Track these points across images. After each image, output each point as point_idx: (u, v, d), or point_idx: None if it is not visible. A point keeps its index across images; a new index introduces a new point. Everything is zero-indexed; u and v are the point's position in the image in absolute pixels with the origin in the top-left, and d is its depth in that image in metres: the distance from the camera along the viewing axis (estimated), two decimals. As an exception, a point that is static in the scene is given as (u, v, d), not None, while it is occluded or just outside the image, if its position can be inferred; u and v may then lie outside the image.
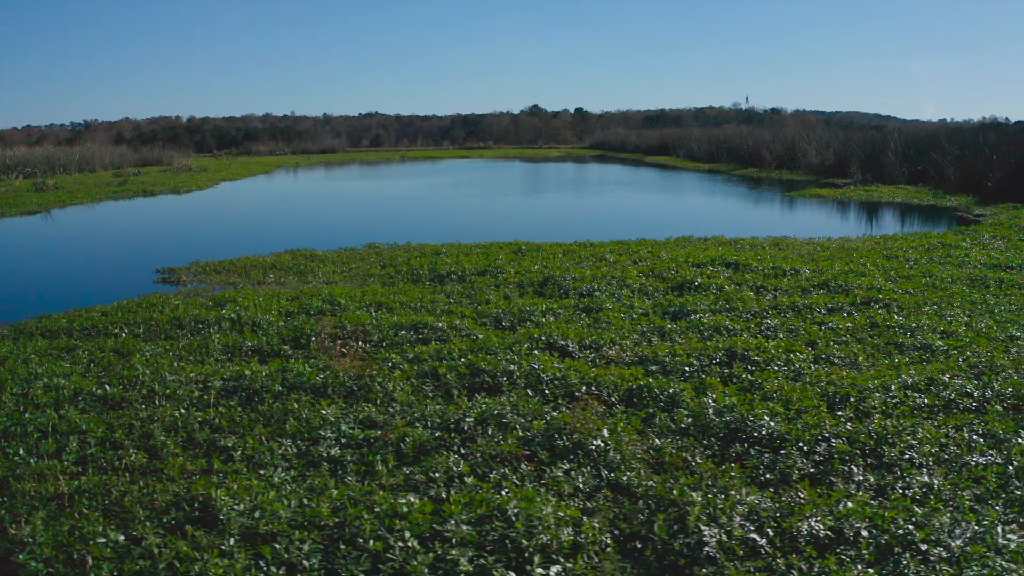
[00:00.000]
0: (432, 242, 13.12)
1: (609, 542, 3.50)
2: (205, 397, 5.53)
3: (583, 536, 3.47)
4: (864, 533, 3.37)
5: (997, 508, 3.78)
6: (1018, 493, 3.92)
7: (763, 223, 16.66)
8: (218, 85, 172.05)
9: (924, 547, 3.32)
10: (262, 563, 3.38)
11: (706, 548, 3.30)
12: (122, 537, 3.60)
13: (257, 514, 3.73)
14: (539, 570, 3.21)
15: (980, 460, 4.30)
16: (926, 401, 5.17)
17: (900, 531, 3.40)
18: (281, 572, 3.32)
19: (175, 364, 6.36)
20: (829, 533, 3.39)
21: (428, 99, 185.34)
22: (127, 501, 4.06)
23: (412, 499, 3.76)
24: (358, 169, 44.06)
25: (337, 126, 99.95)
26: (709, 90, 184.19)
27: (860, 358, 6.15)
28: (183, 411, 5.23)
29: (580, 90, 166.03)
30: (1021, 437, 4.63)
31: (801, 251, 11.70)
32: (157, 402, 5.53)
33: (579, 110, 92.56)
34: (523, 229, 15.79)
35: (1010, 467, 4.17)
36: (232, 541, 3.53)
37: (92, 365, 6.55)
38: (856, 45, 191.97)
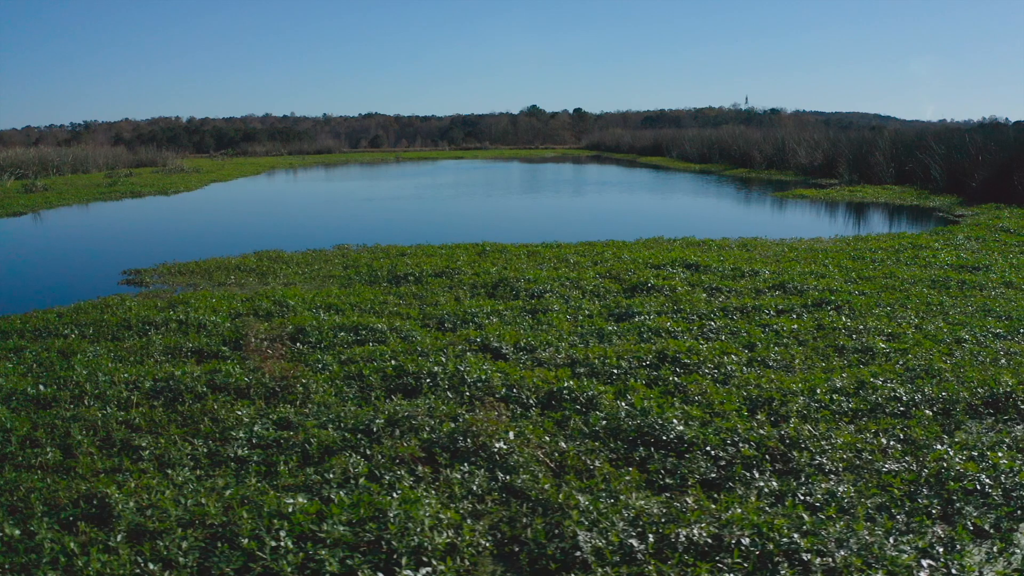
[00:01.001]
0: (404, 243, 13.11)
1: (488, 545, 3.48)
2: (132, 397, 5.54)
3: (460, 538, 3.45)
4: (745, 541, 3.33)
5: (899, 517, 3.73)
6: (923, 502, 3.87)
7: (742, 223, 16.61)
8: (219, 86, 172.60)
9: (807, 556, 3.28)
10: (139, 559, 3.40)
11: (579, 553, 3.27)
12: (18, 532, 3.67)
13: (149, 512, 3.80)
14: (407, 572, 3.19)
15: (894, 467, 4.26)
16: (852, 405, 5.12)
17: (785, 540, 3.36)
18: (157, 568, 3.34)
19: (113, 365, 6.36)
20: (709, 541, 3.35)
21: (428, 100, 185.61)
22: (33, 498, 4.08)
23: (300, 499, 3.78)
24: (351, 170, 44.10)
25: (336, 127, 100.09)
26: (709, 91, 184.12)
27: (796, 361, 6.11)
28: (106, 411, 5.24)
29: (579, 91, 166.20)
30: (942, 443, 4.58)
31: (768, 252, 11.65)
32: (86, 402, 5.55)
33: (577, 111, 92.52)
34: (500, 230, 15.77)
35: (922, 475, 4.13)
36: (119, 537, 3.59)
37: (36, 366, 6.56)
38: (856, 45, 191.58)
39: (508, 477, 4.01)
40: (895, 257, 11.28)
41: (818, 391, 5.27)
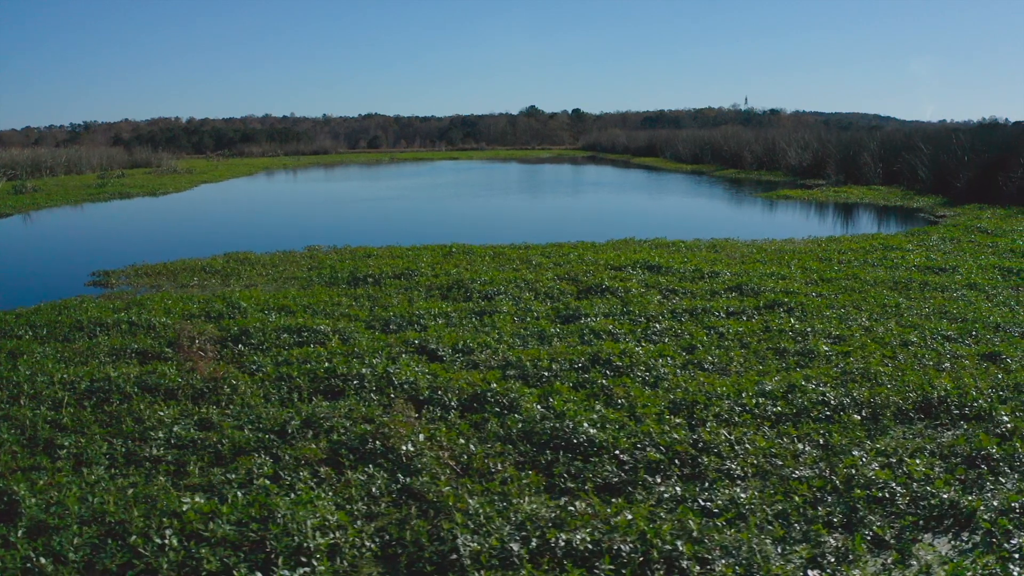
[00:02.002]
0: (380, 244, 13.11)
1: (372, 547, 3.48)
2: (65, 398, 5.58)
3: (345, 540, 3.46)
4: (626, 548, 3.32)
5: (796, 525, 3.70)
6: (824, 510, 3.82)
7: (720, 224, 16.59)
8: (219, 87, 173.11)
9: (686, 564, 3.27)
10: (32, 554, 3.45)
11: (455, 556, 3.27)
12: (-72, 527, 3.72)
13: (53, 509, 3.87)
14: (284, 571, 3.21)
15: (805, 473, 4.23)
16: (777, 409, 5.09)
17: (668, 547, 3.35)
18: (48, 562, 3.41)
19: (55, 365, 6.39)
20: (589, 546, 3.34)
21: (428, 101, 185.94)
22: (-49, 494, 4.12)
23: (197, 499, 3.82)
24: (344, 170, 44.15)
25: (336, 127, 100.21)
26: (708, 91, 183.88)
27: (734, 363, 6.09)
28: (37, 411, 5.29)
29: (579, 91, 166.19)
30: (862, 449, 4.53)
31: (736, 254, 11.63)
32: (21, 401, 5.59)
33: (576, 111, 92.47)
34: (479, 230, 15.76)
35: (832, 481, 4.09)
36: (20, 533, 3.66)
37: (-16, 366, 6.59)
38: (856, 45, 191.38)
39: (408, 479, 4.01)
40: (863, 258, 11.25)
41: (744, 394, 5.25)
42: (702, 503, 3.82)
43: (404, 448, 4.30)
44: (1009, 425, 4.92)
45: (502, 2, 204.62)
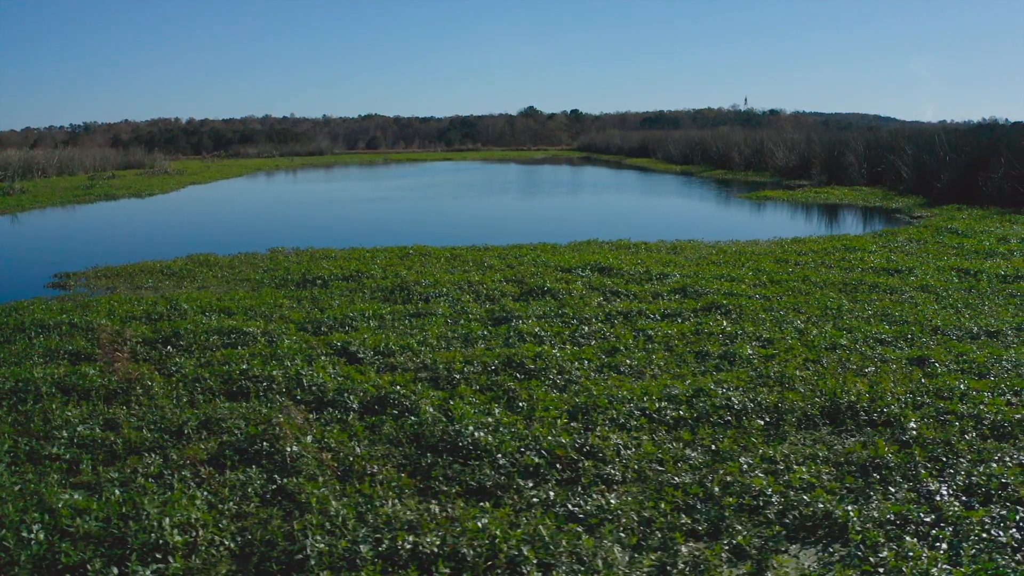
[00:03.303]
0: (349, 246, 13.14)
1: (232, 546, 3.53)
2: (-15, 399, 5.64)
3: (206, 538, 3.51)
4: (471, 552, 3.35)
5: (657, 533, 3.67)
6: (687, 519, 3.77)
7: (694, 225, 16.61)
8: (220, 87, 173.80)
9: (527, 569, 3.29)
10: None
11: (301, 556, 3.30)
12: None
13: None
14: (137, 566, 3.27)
15: (685, 479, 4.19)
16: (677, 413, 5.06)
17: (513, 552, 3.37)
18: None
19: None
20: (435, 550, 3.37)
21: (427, 101, 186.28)
22: None
23: (76, 496, 3.87)
24: (336, 171, 44.27)
25: (335, 128, 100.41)
26: (708, 92, 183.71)
27: (652, 367, 6.08)
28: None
29: (578, 92, 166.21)
30: (750, 455, 4.50)
31: (694, 255, 11.64)
32: (-56, 402, 5.65)
33: (574, 112, 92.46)
34: (452, 231, 15.79)
35: (708, 488, 4.07)
36: None
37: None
38: (856, 46, 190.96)
39: (285, 480, 4.05)
40: (821, 260, 11.24)
41: (648, 398, 5.24)
42: (571, 508, 3.83)
43: (289, 449, 4.34)
44: (914, 432, 4.86)
45: (502, 2, 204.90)
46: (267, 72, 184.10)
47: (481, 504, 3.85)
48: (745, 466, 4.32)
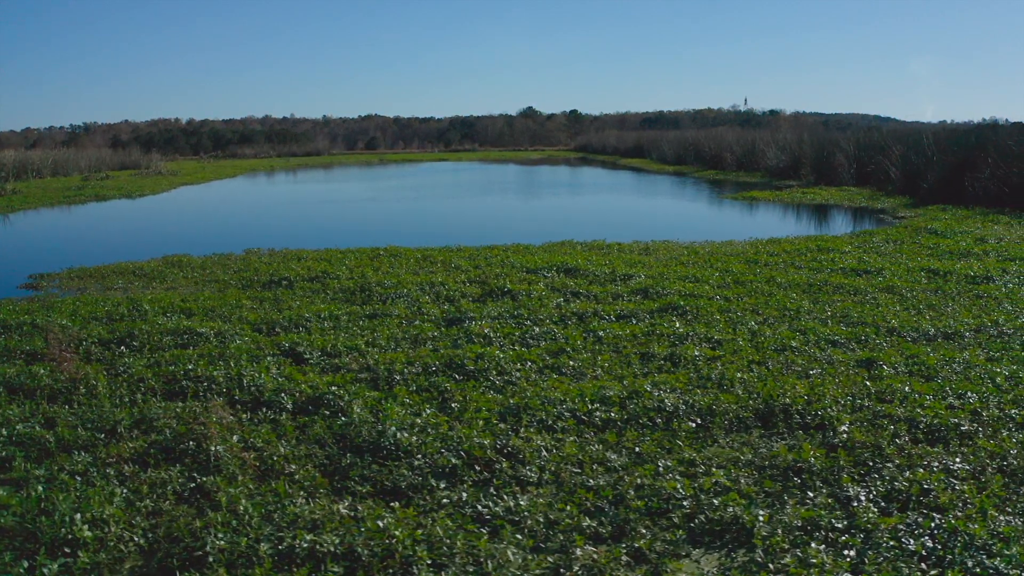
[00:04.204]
0: (327, 247, 13.18)
1: (142, 541, 3.59)
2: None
3: (114, 533, 3.57)
4: (366, 551, 3.40)
5: (559, 536, 3.67)
6: (591, 522, 3.75)
7: (677, 225, 16.63)
8: (221, 88, 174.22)
9: (416, 569, 3.33)
10: None
11: (201, 553, 3.35)
12: None
13: None
14: (46, 560, 3.36)
15: (600, 481, 4.16)
16: (610, 415, 5.05)
17: (409, 553, 3.40)
18: None
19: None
20: (331, 548, 3.41)
21: (428, 102, 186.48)
22: None
23: (2, 492, 3.96)
24: (329, 172, 44.36)
25: (335, 128, 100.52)
26: (708, 92, 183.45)
27: (596, 368, 6.08)
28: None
29: (578, 92, 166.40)
30: (669, 458, 4.47)
31: (665, 256, 11.66)
32: None
33: (573, 112, 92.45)
34: (434, 232, 15.84)
35: (619, 490, 4.05)
36: None
37: None
38: (856, 46, 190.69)
39: (204, 479, 4.10)
40: (792, 260, 11.24)
41: (579, 400, 5.21)
42: (479, 509, 3.86)
43: (213, 449, 4.38)
44: (845, 435, 4.81)
45: (503, 2, 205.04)
46: (267, 73, 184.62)
47: (391, 504, 3.89)
48: (662, 468, 4.32)
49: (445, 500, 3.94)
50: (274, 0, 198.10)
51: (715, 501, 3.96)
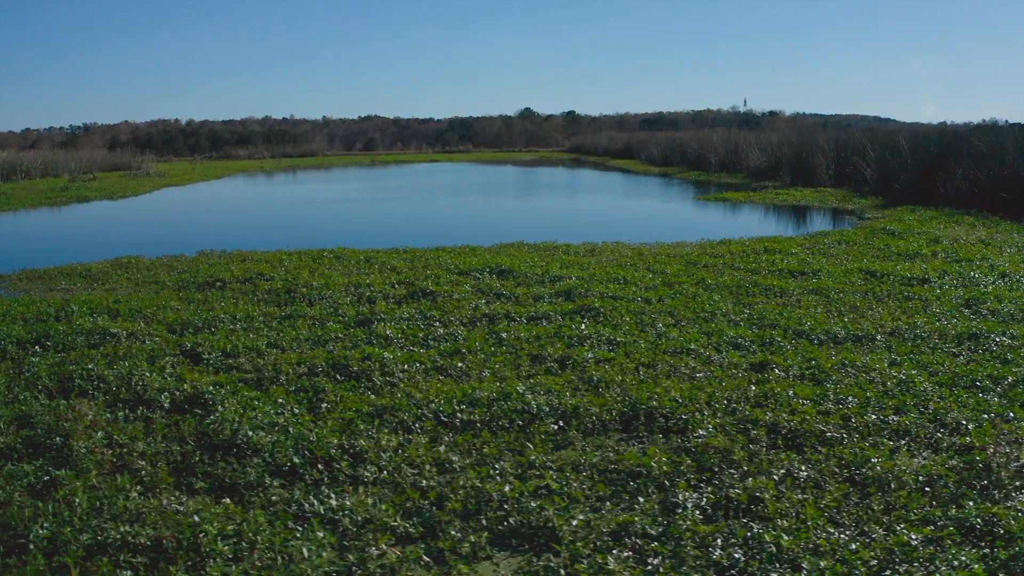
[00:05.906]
0: (292, 248, 13.30)
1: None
2: None
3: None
4: (172, 543, 3.56)
5: (369, 535, 3.71)
6: (402, 523, 3.79)
7: (637, 228, 16.70)
8: (221, 88, 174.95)
9: (217, 561, 3.47)
10: None
11: (24, 540, 3.52)
12: None
13: None
14: None
15: (431, 483, 4.20)
16: (472, 416, 5.09)
17: (212, 546, 3.55)
18: None
19: None
20: (140, 540, 3.58)
21: (427, 102, 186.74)
22: None
23: None
24: (319, 172, 44.57)
25: (334, 129, 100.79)
26: (708, 93, 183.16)
27: (483, 370, 6.15)
28: None
29: (577, 93, 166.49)
30: (506, 460, 4.49)
31: (610, 257, 11.76)
32: None
33: (570, 113, 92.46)
34: (400, 232, 15.98)
35: (444, 491, 4.13)
36: None
37: None
38: (856, 47, 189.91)
39: (58, 473, 4.26)
40: (732, 262, 11.31)
41: (451, 402, 5.28)
42: (305, 507, 3.99)
43: (76, 445, 4.54)
44: (700, 440, 4.75)
45: (503, 3, 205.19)
46: (268, 74, 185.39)
47: (223, 500, 4.04)
48: (497, 470, 4.38)
49: (275, 497, 4.09)
50: (276, 2, 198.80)
51: (532, 504, 3.95)
